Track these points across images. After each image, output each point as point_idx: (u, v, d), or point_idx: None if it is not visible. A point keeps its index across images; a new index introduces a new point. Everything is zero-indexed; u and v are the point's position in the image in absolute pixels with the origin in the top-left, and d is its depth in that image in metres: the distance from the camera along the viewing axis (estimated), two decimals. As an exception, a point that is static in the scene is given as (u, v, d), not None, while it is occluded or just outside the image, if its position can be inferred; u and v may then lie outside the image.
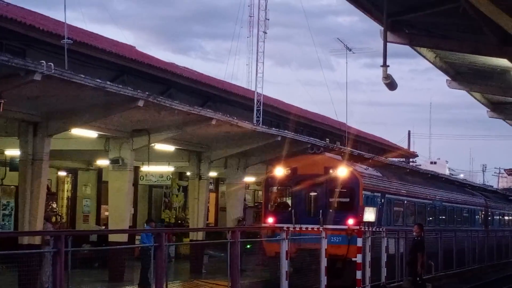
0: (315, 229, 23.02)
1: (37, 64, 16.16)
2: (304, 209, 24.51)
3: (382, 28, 16.25)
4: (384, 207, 26.07)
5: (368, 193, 24.72)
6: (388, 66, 15.90)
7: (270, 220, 24.68)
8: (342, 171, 24.17)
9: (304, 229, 23.58)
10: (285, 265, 19.05)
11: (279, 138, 26.81)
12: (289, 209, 24.84)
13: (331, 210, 24.03)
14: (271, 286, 21.73)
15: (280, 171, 25.09)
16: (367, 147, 55.07)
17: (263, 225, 24.15)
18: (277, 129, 28.70)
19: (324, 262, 20.56)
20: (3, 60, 15.20)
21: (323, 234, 21.28)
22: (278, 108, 46.86)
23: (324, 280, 20.16)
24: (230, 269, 16.83)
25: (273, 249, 23.01)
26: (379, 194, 25.72)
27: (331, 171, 24.30)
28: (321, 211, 23.89)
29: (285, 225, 23.20)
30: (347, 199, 24.31)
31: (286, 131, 29.28)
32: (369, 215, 23.65)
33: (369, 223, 23.59)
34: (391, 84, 16.05)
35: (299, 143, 27.89)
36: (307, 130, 48.58)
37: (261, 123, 37.10)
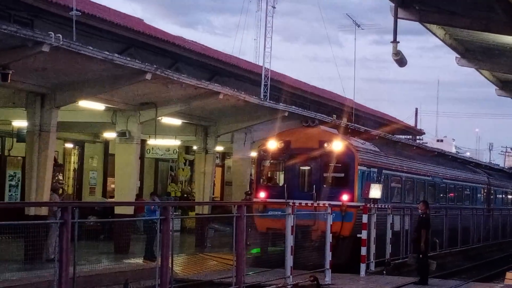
0: (309, 205, 22.49)
1: (45, 35, 16.15)
2: (297, 184, 23.73)
3: (393, 4, 16.15)
4: (381, 183, 25.14)
5: (364, 168, 23.99)
6: (399, 42, 15.85)
7: (262, 194, 23.87)
8: (337, 145, 23.37)
9: (298, 204, 22.62)
10: (290, 240, 18.95)
11: (286, 114, 26.76)
12: (282, 184, 24.11)
13: (325, 186, 23.34)
14: (265, 260, 21.36)
15: (272, 144, 24.16)
16: (374, 124, 55.01)
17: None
18: (284, 104, 28.66)
19: (329, 239, 20.36)
20: (11, 31, 15.19)
21: (329, 210, 20.93)
22: (285, 83, 46.77)
23: (329, 256, 20.08)
24: (236, 244, 16.85)
25: (264, 224, 22.75)
26: (376, 170, 24.97)
27: (325, 145, 23.49)
28: (314, 186, 23.22)
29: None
30: (342, 174, 23.55)
31: (293, 106, 29.24)
32: (375, 191, 23.50)
33: (375, 200, 23.45)
34: (401, 61, 15.99)
35: (305, 118, 27.73)
36: (314, 106, 48.51)
37: (268, 98, 37.05)
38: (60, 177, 29.00)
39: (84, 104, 21.76)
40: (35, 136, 20.35)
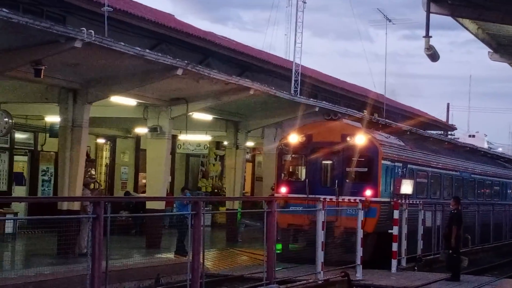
0: (333, 201, 21.77)
1: (77, 31, 16.27)
2: (319, 179, 23.12)
3: (425, -1, 16.06)
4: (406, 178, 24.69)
5: (388, 162, 23.33)
6: (431, 37, 15.74)
7: (283, 190, 23.30)
8: (360, 139, 22.71)
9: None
10: (321, 236, 18.88)
11: (317, 109, 26.68)
12: (303, 178, 23.50)
13: (347, 181, 22.73)
14: (287, 257, 21.03)
15: (294, 138, 23.50)
16: (404, 120, 54.69)
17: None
18: (315, 100, 28.59)
19: (360, 234, 20.26)
20: (44, 26, 15.32)
21: (360, 206, 20.85)
22: (316, 78, 46.66)
23: (360, 252, 20.01)
24: (267, 239, 16.87)
25: (285, 220, 22.36)
26: (401, 164, 24.32)
27: (348, 138, 22.84)
28: (337, 181, 22.61)
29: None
30: (365, 169, 22.94)
31: (323, 101, 29.15)
32: (406, 187, 23.35)
33: (406, 195, 23.31)
34: (433, 55, 15.89)
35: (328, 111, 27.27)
36: (345, 101, 48.34)
37: (298, 93, 37.01)
38: (93, 172, 29.24)
39: (116, 99, 21.90)
40: (68, 131, 20.52)
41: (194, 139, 30.72)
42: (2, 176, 26.52)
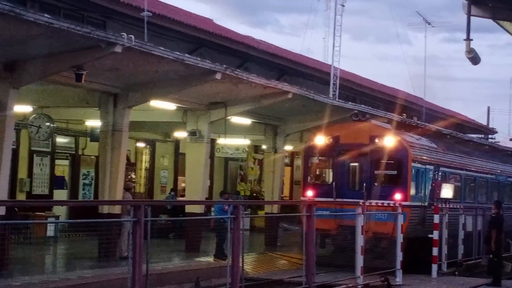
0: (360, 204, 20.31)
1: (118, 36, 16.41)
2: (346, 182, 22.55)
3: (465, 2, 15.92)
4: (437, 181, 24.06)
5: (419, 165, 22.69)
6: (472, 40, 15.60)
7: (310, 193, 22.67)
8: (389, 141, 22.03)
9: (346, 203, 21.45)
10: (361, 240, 18.72)
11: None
12: (330, 181, 22.92)
13: (376, 184, 22.06)
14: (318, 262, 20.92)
15: (320, 140, 22.90)
16: (444, 123, 54.17)
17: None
18: (353, 103, 28.47)
19: (400, 239, 20.00)
20: (85, 32, 15.48)
21: (399, 210, 20.53)
22: (354, 82, 46.48)
23: (400, 256, 19.83)
24: (306, 243, 16.84)
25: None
26: (432, 167, 23.72)
27: (377, 140, 22.16)
28: (364, 184, 21.99)
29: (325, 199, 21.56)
30: (394, 172, 22.35)
31: (362, 105, 29.01)
32: (447, 191, 23.10)
33: (446, 200, 23.05)
34: (474, 58, 15.75)
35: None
36: (384, 105, 48.06)
37: (337, 97, 36.89)
38: (133, 176, 29.46)
39: (155, 103, 22.04)
40: (108, 135, 20.70)
41: (233, 143, 30.79)
42: (44, 179, 26.83)
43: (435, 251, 21.45)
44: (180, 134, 27.42)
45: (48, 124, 22.92)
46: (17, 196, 24.85)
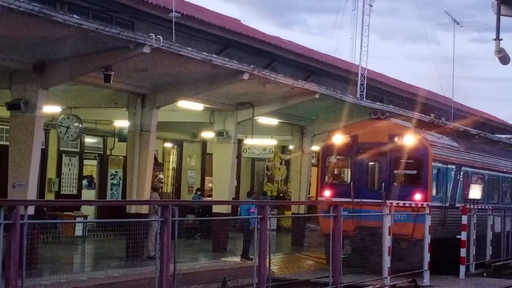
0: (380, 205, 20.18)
1: (146, 37, 16.51)
2: (364, 182, 21.98)
3: (495, 1, 15.77)
4: (459, 182, 23.55)
5: (440, 165, 22.09)
6: (501, 39, 15.42)
7: (327, 193, 22.17)
8: (408, 139, 21.43)
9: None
10: (388, 241, 18.57)
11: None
12: (348, 181, 22.35)
13: (395, 184, 21.47)
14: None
15: (338, 139, 22.29)
16: (472, 122, 53.80)
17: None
18: (381, 104, 28.36)
19: (428, 239, 19.78)
20: (114, 33, 15.58)
21: (427, 210, 20.28)
22: (382, 82, 46.30)
23: (427, 257, 19.68)
24: (332, 243, 16.82)
25: (328, 226, 20.12)
26: (454, 167, 23.19)
27: (396, 139, 21.54)
28: (383, 184, 21.47)
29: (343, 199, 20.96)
30: (414, 171, 21.83)
31: (390, 105, 28.90)
32: (475, 192, 22.90)
33: (474, 200, 22.84)
34: (503, 58, 15.57)
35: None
36: (411, 105, 47.81)
37: (364, 98, 36.77)
38: (161, 176, 29.58)
39: (183, 104, 22.13)
40: (136, 135, 20.81)
41: (260, 143, 30.81)
42: (73, 179, 27.04)
43: (463, 252, 21.27)
44: (207, 135, 27.50)
45: (76, 124, 23.09)
46: (46, 196, 25.07)
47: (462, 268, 21.33)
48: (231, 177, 24.42)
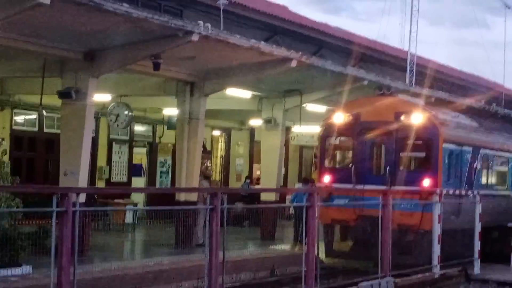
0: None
1: (195, 24, 16.52)
2: (367, 166, 19.59)
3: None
4: (477, 165, 21.10)
5: (452, 146, 19.70)
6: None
7: (327, 178, 19.92)
8: (416, 118, 19.08)
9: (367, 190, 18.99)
10: (437, 229, 18.11)
11: (433, 99, 26.11)
12: (350, 165, 20.00)
13: (401, 168, 19.21)
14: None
15: (339, 118, 19.97)
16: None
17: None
18: (430, 89, 28.01)
19: (478, 228, 19.36)
20: (163, 21, 15.64)
21: (478, 199, 19.63)
22: (431, 68, 45.71)
23: (477, 245, 19.29)
24: (381, 231, 16.68)
25: (329, 215, 19.02)
26: (470, 149, 20.67)
27: (402, 117, 19.22)
28: (388, 168, 19.10)
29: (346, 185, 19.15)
30: (423, 154, 19.69)
31: (439, 91, 28.53)
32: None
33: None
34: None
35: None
36: (461, 91, 47.19)
37: (413, 84, 36.39)
38: (209, 163, 29.70)
39: (231, 91, 22.15)
40: (185, 123, 20.92)
41: (308, 130, 30.69)
42: (123, 167, 27.30)
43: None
44: (255, 122, 27.50)
45: (126, 112, 23.29)
46: (97, 184, 25.39)
47: (514, 257, 20.95)
48: (279, 165, 24.41)
